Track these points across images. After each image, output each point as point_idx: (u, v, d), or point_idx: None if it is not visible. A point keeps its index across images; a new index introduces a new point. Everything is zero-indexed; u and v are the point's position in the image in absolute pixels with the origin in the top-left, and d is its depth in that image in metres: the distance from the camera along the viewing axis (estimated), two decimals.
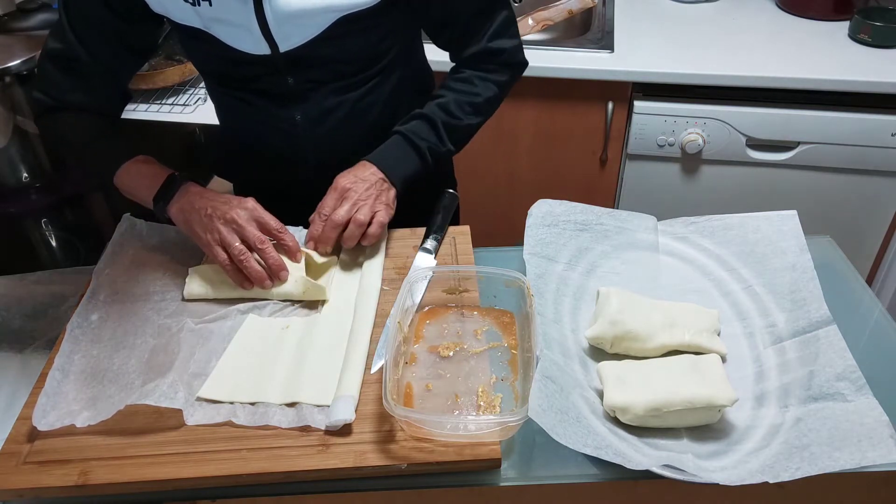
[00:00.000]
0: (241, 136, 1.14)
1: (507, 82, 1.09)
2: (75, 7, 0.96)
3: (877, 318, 0.95)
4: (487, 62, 1.06)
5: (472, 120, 1.06)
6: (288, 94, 1.03)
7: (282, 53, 0.96)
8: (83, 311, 0.91)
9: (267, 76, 1.00)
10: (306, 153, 1.08)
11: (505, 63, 1.08)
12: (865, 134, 1.63)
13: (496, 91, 1.07)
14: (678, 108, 1.68)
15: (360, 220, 0.95)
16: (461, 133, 1.07)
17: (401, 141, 1.02)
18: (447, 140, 1.04)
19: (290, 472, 0.73)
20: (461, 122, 1.05)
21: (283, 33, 0.94)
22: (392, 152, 1.02)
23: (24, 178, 1.25)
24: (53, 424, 0.76)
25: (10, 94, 1.17)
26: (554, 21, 1.85)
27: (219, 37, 0.96)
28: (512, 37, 1.07)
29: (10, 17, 1.27)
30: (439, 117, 1.03)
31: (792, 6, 1.87)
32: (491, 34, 1.04)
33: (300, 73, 1.00)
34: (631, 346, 0.86)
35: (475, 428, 0.75)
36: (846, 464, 0.71)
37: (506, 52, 1.06)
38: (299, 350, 0.86)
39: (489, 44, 1.04)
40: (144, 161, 0.99)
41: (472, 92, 1.05)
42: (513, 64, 1.09)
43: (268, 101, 1.04)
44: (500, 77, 1.08)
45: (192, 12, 0.93)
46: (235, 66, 1.00)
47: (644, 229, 1.03)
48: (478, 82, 1.06)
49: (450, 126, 1.04)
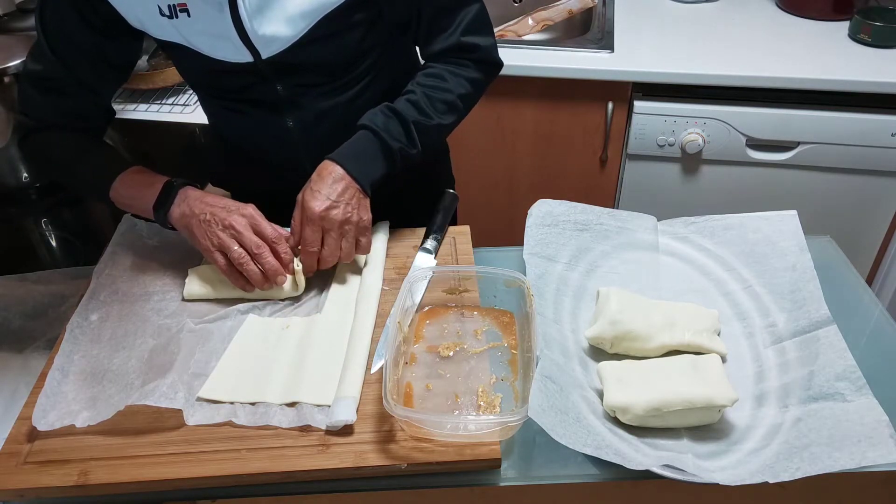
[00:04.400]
0: (235, 144, 1.13)
1: (480, 81, 1.02)
2: (53, 26, 0.94)
3: (877, 318, 0.95)
4: (459, 57, 1.00)
5: (444, 119, 0.98)
6: (277, 101, 1.01)
7: (264, 60, 0.95)
8: (83, 311, 0.91)
9: (255, 85, 0.99)
10: (301, 159, 1.04)
11: (479, 60, 1.01)
12: (865, 134, 1.63)
13: (469, 89, 1.00)
14: (678, 108, 1.68)
15: (348, 250, 0.93)
16: (431, 134, 0.98)
17: (372, 139, 0.94)
18: (417, 141, 0.96)
19: (291, 472, 0.73)
20: (431, 121, 0.97)
21: (262, 41, 0.93)
22: (363, 152, 0.94)
23: (24, 178, 1.25)
24: (53, 425, 0.76)
25: (10, 94, 1.17)
26: (554, 21, 1.85)
27: (199, 49, 0.94)
28: (486, 34, 1.01)
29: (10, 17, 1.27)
30: (411, 116, 0.95)
31: (792, 6, 1.87)
32: (463, 29, 0.98)
33: (287, 79, 0.99)
34: (631, 346, 0.86)
35: (475, 428, 0.75)
36: (846, 464, 0.71)
37: (479, 48, 1.00)
38: (299, 350, 0.86)
39: (462, 38, 0.98)
40: (138, 171, 0.98)
41: (444, 88, 0.98)
42: (487, 62, 1.02)
43: (258, 110, 1.03)
44: (473, 74, 1.01)
45: (169, 27, 0.92)
46: (221, 77, 0.98)
47: (644, 229, 1.03)
48: (449, 78, 0.99)
49: (420, 126, 0.96)
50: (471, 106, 1.03)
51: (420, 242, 1.02)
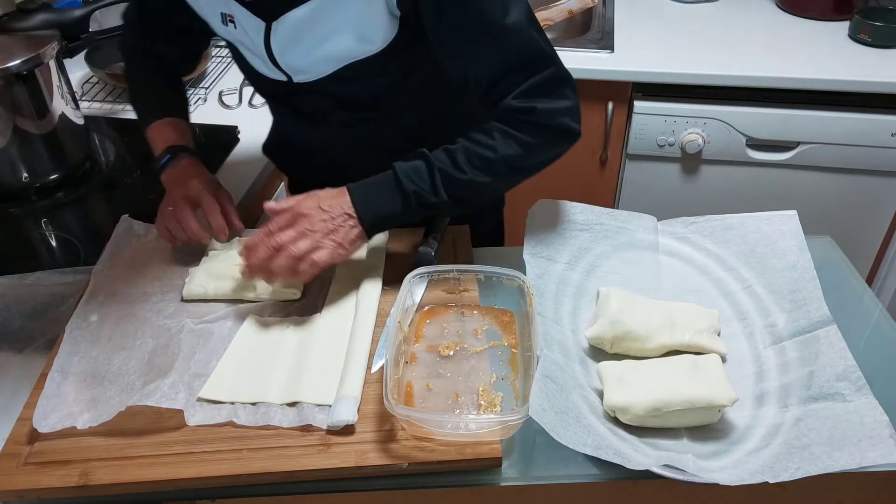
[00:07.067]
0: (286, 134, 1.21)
1: (535, 145, 0.90)
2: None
3: (877, 318, 0.95)
4: (512, 118, 0.90)
5: (479, 177, 0.89)
6: (317, 113, 1.06)
7: (295, 83, 1.00)
8: (82, 312, 0.91)
9: (293, 96, 1.04)
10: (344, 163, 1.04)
11: (536, 124, 0.89)
12: (865, 134, 1.63)
13: (519, 151, 0.89)
14: (678, 108, 1.68)
15: (293, 253, 0.86)
16: (461, 187, 0.90)
17: (390, 178, 0.90)
18: (441, 190, 0.89)
19: (292, 471, 0.73)
20: (463, 175, 0.89)
21: (292, 69, 0.98)
22: (375, 188, 0.91)
23: (24, 178, 1.25)
24: (54, 426, 0.76)
25: (10, 94, 1.17)
26: (554, 21, 1.85)
27: (245, 57, 1.03)
28: (552, 97, 0.89)
29: (10, 17, 1.27)
30: (440, 163, 0.90)
31: (792, 6, 1.87)
32: (521, 92, 0.88)
33: (322, 100, 1.03)
34: (631, 346, 0.86)
35: (476, 427, 0.75)
36: (846, 464, 0.71)
37: (536, 111, 0.88)
38: (300, 350, 0.86)
39: (513, 101, 0.89)
40: (167, 123, 1.09)
41: (487, 145, 0.89)
42: (548, 126, 0.90)
43: (301, 118, 1.10)
44: (528, 138, 0.89)
45: (225, 30, 1.00)
46: (265, 82, 1.04)
47: (644, 229, 1.03)
48: (497, 136, 0.90)
49: (448, 176, 0.89)
50: (524, 170, 0.92)
51: (420, 242, 1.02)
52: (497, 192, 0.96)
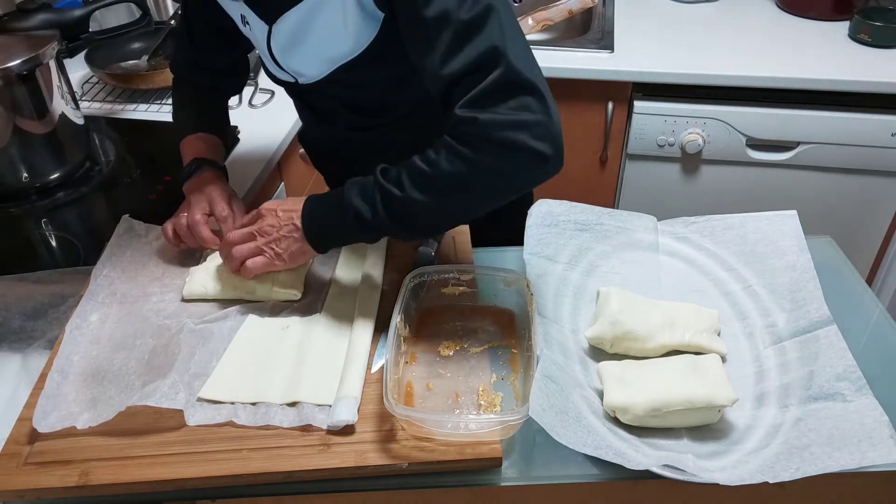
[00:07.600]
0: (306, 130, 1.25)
1: (481, 163, 0.78)
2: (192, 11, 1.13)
3: (877, 318, 0.95)
4: (457, 130, 0.79)
5: (416, 195, 0.80)
6: (328, 112, 1.09)
7: (301, 85, 1.02)
8: (82, 312, 0.91)
9: (304, 94, 1.08)
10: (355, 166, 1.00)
11: (478, 136, 0.77)
12: (865, 134, 1.63)
13: (462, 169, 0.78)
14: (678, 108, 1.68)
15: (234, 255, 0.91)
16: (398, 206, 0.81)
17: (341, 192, 0.85)
18: (381, 209, 0.82)
19: (292, 471, 0.73)
20: (400, 192, 0.80)
21: (294, 71, 1.00)
22: (325, 201, 0.87)
23: (24, 178, 1.24)
24: (54, 426, 0.76)
25: (10, 94, 1.17)
26: (554, 21, 1.85)
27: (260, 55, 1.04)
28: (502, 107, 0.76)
29: (10, 17, 1.26)
30: (386, 178, 0.82)
31: (792, 6, 1.87)
32: (468, 100, 0.77)
33: (329, 101, 1.06)
34: (631, 346, 0.86)
35: (476, 427, 0.75)
36: (846, 464, 0.71)
37: (477, 122, 0.76)
38: (300, 350, 0.86)
39: (458, 110, 0.77)
40: (198, 139, 1.11)
41: (429, 160, 0.80)
42: (491, 141, 0.76)
43: (314, 115, 1.13)
44: (472, 154, 0.77)
45: (244, 30, 1.03)
46: (279, 83, 1.07)
47: (644, 229, 1.03)
48: (442, 152, 0.79)
49: (387, 192, 0.81)
50: (472, 190, 0.80)
51: (420, 242, 1.02)
52: (450, 215, 0.86)
